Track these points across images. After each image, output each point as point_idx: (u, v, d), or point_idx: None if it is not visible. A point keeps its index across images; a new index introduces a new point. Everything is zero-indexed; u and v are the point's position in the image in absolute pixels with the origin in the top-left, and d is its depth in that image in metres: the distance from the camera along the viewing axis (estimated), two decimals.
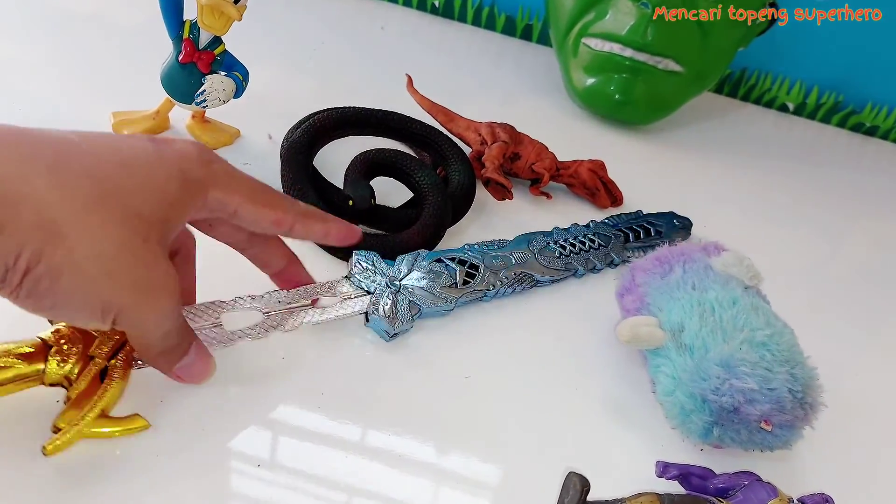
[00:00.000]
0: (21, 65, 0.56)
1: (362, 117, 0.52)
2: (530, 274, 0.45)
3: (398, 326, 0.39)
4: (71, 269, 0.26)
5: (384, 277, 0.41)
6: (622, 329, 0.39)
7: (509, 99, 0.71)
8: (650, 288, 0.41)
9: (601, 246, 0.49)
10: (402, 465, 0.34)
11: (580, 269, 0.47)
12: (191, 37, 0.46)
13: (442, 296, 0.41)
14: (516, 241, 0.47)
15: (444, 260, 0.43)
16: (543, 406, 0.39)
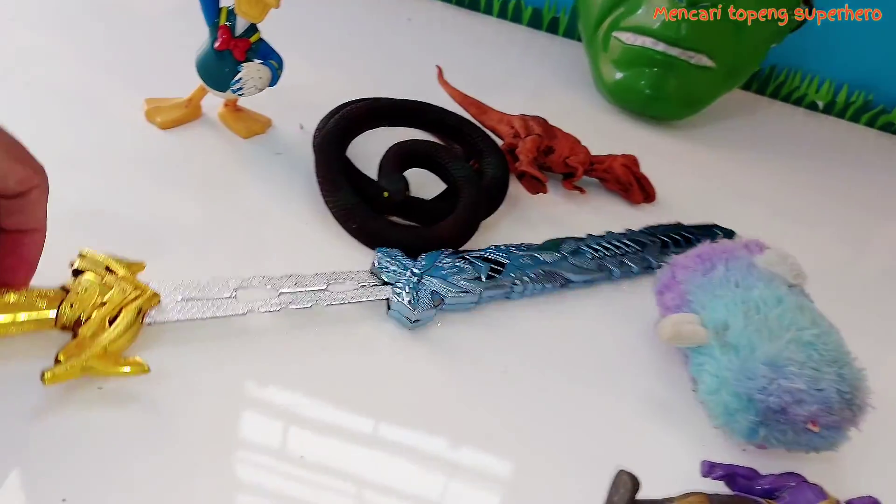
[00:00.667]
0: (53, 52, 0.55)
1: (396, 108, 0.52)
2: (560, 273, 0.44)
3: (420, 313, 0.39)
4: None
5: (406, 270, 0.40)
6: (664, 327, 0.38)
7: (537, 92, 0.70)
8: (692, 285, 0.40)
9: (637, 251, 0.48)
10: (429, 461, 0.34)
11: (615, 271, 0.46)
12: (227, 24, 0.45)
13: (466, 288, 0.41)
14: (545, 244, 0.46)
15: (468, 257, 0.43)
16: (581, 405, 0.39)
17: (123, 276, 0.34)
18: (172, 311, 0.35)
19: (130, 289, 0.33)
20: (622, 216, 0.54)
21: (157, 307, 0.34)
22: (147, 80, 0.54)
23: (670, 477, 0.35)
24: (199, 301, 0.36)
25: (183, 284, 0.36)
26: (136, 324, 0.33)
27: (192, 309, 0.35)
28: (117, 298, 0.33)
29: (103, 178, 0.45)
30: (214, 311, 0.36)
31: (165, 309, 0.35)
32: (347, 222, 0.45)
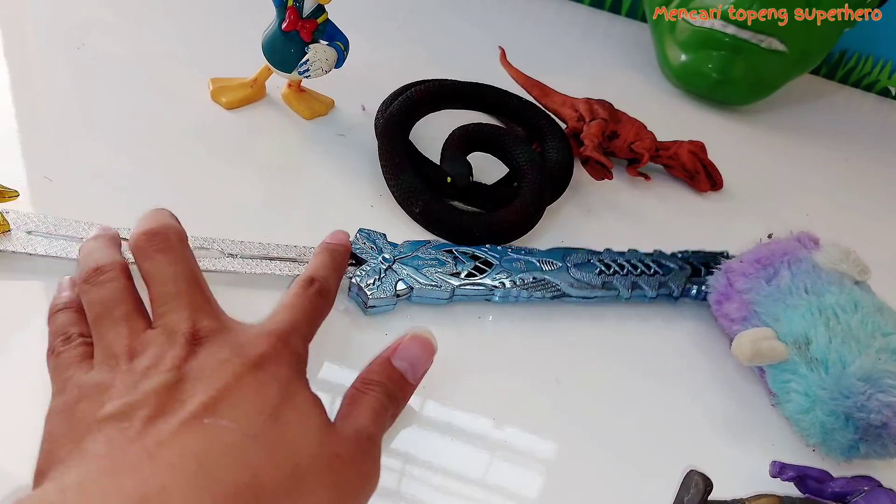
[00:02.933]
0: (121, 28, 0.56)
1: (459, 91, 0.51)
2: (553, 283, 0.40)
3: (376, 299, 0.37)
4: None
5: (379, 254, 0.39)
6: (742, 346, 0.37)
7: (599, 74, 0.69)
8: (757, 295, 0.39)
9: (657, 273, 0.43)
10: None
11: (623, 292, 0.41)
12: (295, 5, 0.45)
13: (438, 282, 0.39)
14: (552, 251, 0.43)
15: (455, 251, 0.41)
16: (637, 413, 0.38)
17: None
18: (15, 243, 0.35)
19: None
20: (688, 204, 0.53)
21: (3, 235, 0.35)
22: (212, 58, 0.55)
23: (737, 478, 0.35)
24: (48, 238, 0.35)
25: (40, 220, 0.36)
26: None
27: (37, 244, 0.35)
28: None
29: (168, 155, 0.45)
30: (57, 251, 0.35)
31: (10, 239, 0.35)
32: (410, 206, 0.45)
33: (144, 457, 0.24)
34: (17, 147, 0.43)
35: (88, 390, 0.27)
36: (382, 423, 0.29)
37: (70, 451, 0.25)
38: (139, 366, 0.27)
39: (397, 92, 0.51)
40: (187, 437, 0.24)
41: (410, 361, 0.31)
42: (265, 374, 0.27)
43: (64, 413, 0.27)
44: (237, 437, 0.25)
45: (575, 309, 0.42)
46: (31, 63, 0.50)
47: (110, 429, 0.25)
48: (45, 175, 0.41)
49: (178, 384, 0.26)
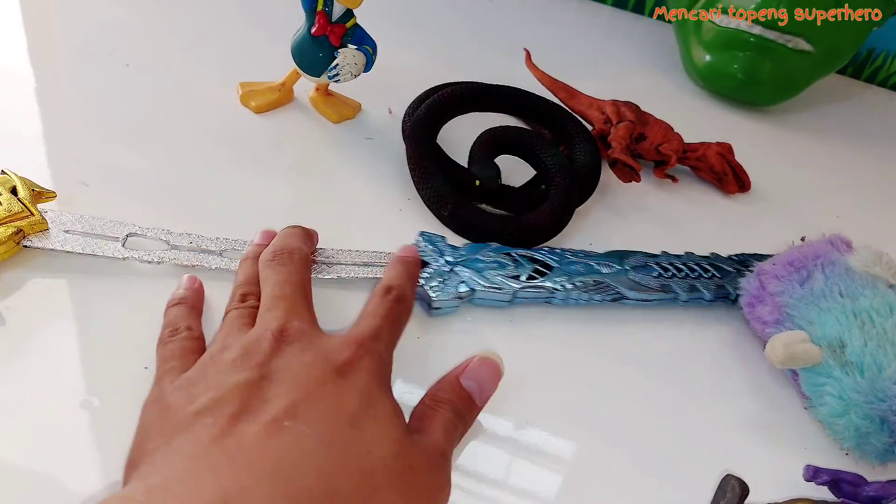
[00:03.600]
0: (151, 33, 0.57)
1: (487, 93, 0.51)
2: (613, 286, 0.41)
3: (441, 301, 0.38)
4: None
5: (441, 256, 0.40)
6: (775, 349, 0.37)
7: (622, 75, 0.69)
8: (790, 297, 0.39)
9: (714, 276, 0.43)
10: None
11: (682, 295, 0.41)
12: (325, 9, 0.45)
13: (499, 284, 0.39)
14: (609, 254, 0.43)
15: (514, 254, 0.41)
16: (673, 416, 0.38)
17: (23, 198, 0.36)
18: (53, 241, 0.36)
19: (18, 209, 0.36)
20: (716, 206, 0.53)
21: (42, 233, 0.36)
22: (240, 62, 0.55)
23: (770, 481, 0.34)
24: (84, 237, 0.37)
25: (77, 220, 0.37)
26: (9, 242, 0.35)
27: (73, 242, 0.36)
28: (1, 214, 0.35)
29: (198, 158, 0.46)
30: (93, 249, 0.36)
31: (48, 237, 0.36)
32: (439, 209, 0.45)
33: (226, 458, 0.25)
34: (53, 151, 0.44)
35: (182, 382, 0.29)
36: (452, 440, 0.30)
37: (158, 447, 0.26)
38: (228, 358, 0.29)
39: (423, 95, 0.51)
40: (268, 440, 0.25)
41: (479, 383, 0.32)
42: (347, 381, 0.28)
43: (157, 404, 0.28)
44: (315, 443, 0.26)
45: (606, 313, 0.41)
46: (63, 68, 0.51)
47: (197, 425, 0.26)
48: (82, 180, 0.42)
49: (261, 381, 0.28)
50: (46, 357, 0.33)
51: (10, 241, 0.35)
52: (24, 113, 0.46)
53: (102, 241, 0.37)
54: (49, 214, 0.37)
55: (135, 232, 0.38)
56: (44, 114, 0.46)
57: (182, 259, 0.37)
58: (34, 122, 0.46)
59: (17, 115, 0.46)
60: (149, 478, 0.25)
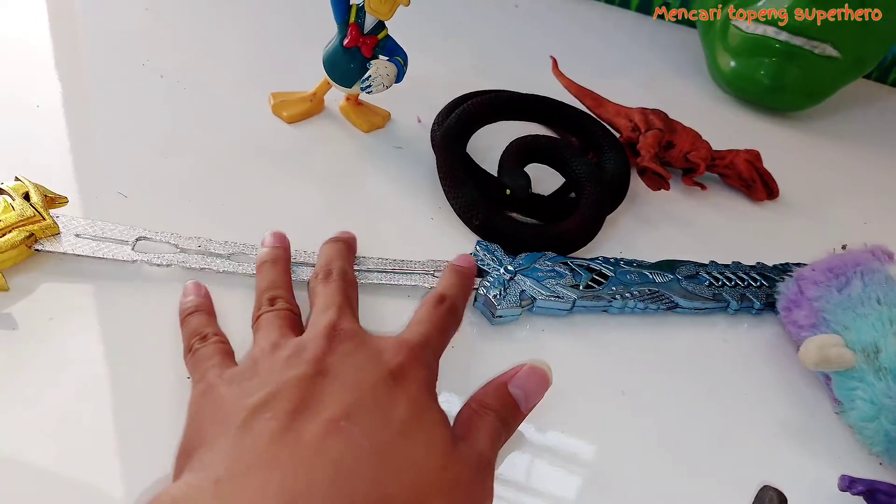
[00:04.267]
0: (183, 46, 0.57)
1: (516, 102, 0.52)
2: (668, 295, 0.41)
3: (503, 310, 0.39)
4: None
5: (501, 266, 0.41)
6: (809, 351, 0.37)
7: (648, 81, 0.69)
8: (828, 303, 0.39)
9: (763, 286, 0.44)
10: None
11: (732, 303, 0.42)
12: (357, 21, 0.46)
13: (559, 293, 0.40)
14: (660, 263, 0.44)
15: (572, 264, 0.42)
16: (711, 419, 0.38)
17: (35, 203, 0.37)
18: (64, 244, 0.37)
19: (30, 213, 0.36)
20: (744, 213, 0.53)
21: (54, 237, 0.37)
22: (272, 73, 0.56)
23: (803, 489, 0.35)
24: (95, 241, 0.37)
25: (88, 224, 0.38)
26: (21, 246, 0.35)
27: (84, 246, 0.37)
28: (12, 219, 0.36)
29: (231, 167, 0.46)
30: (103, 253, 0.37)
31: (60, 241, 0.37)
32: (470, 219, 0.45)
33: (290, 455, 0.25)
34: (90, 161, 0.45)
35: (233, 376, 0.29)
36: (496, 448, 0.30)
37: (216, 435, 0.27)
38: (282, 355, 0.30)
39: (452, 104, 0.52)
40: (327, 441, 0.26)
41: (526, 392, 0.32)
42: (399, 386, 0.29)
43: (207, 397, 0.29)
44: (368, 448, 0.26)
45: (643, 320, 0.42)
46: (98, 78, 0.52)
47: (257, 420, 0.27)
48: (119, 190, 0.42)
49: (316, 378, 0.28)
50: (58, 359, 0.33)
51: (22, 244, 0.36)
52: (56, 123, 0.47)
53: (113, 244, 0.38)
54: (61, 219, 0.38)
55: (145, 235, 0.38)
56: (78, 123, 0.47)
57: (191, 262, 0.38)
58: (67, 131, 0.46)
59: (49, 124, 0.47)
60: (212, 468, 0.25)
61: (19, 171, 0.39)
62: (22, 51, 0.53)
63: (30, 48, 0.53)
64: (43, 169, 0.42)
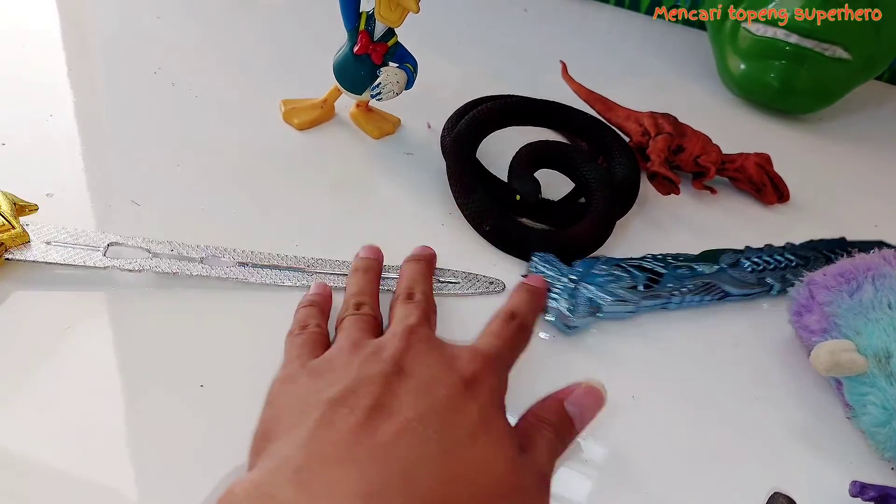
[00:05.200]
0: (194, 54, 0.58)
1: (526, 108, 0.52)
2: (719, 285, 0.43)
3: (578, 320, 0.39)
4: None
5: (562, 275, 0.41)
6: (820, 356, 0.37)
7: (657, 84, 0.69)
8: (839, 308, 0.39)
9: (799, 265, 0.45)
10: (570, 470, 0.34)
11: (776, 285, 0.44)
12: (367, 28, 0.46)
13: (623, 296, 0.40)
14: (703, 255, 0.45)
15: (625, 265, 0.42)
16: (725, 422, 0.38)
17: (4, 212, 0.37)
18: (34, 252, 0.37)
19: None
20: (755, 217, 0.53)
21: (24, 246, 0.37)
22: (281, 80, 0.56)
23: (814, 494, 0.35)
24: (65, 247, 0.38)
25: (59, 231, 0.38)
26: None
27: (54, 253, 0.37)
28: None
29: (242, 174, 0.47)
30: (74, 260, 0.37)
31: (30, 249, 0.37)
32: (480, 224, 0.45)
33: (367, 453, 0.26)
34: (103, 170, 0.45)
35: (314, 367, 0.31)
36: (554, 463, 0.31)
37: (296, 424, 0.28)
38: (363, 353, 0.31)
39: (461, 109, 0.52)
40: (401, 440, 0.27)
41: (581, 409, 0.33)
42: (471, 394, 0.30)
43: (290, 383, 0.30)
44: (437, 450, 0.27)
45: (648, 321, 0.42)
46: (110, 87, 0.52)
47: (335, 414, 0.28)
48: (133, 199, 0.43)
49: (393, 376, 0.29)
50: (31, 370, 0.34)
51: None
52: (69, 132, 0.47)
53: (83, 251, 0.38)
54: (31, 227, 0.38)
55: (116, 241, 0.39)
56: (89, 130, 0.48)
57: (163, 267, 0.38)
58: (80, 140, 0.47)
59: (61, 133, 0.47)
60: (291, 458, 0.26)
61: (31, 180, 0.40)
62: (34, 60, 0.53)
63: (42, 57, 0.54)
64: (56, 178, 0.43)
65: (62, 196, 0.42)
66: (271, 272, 0.39)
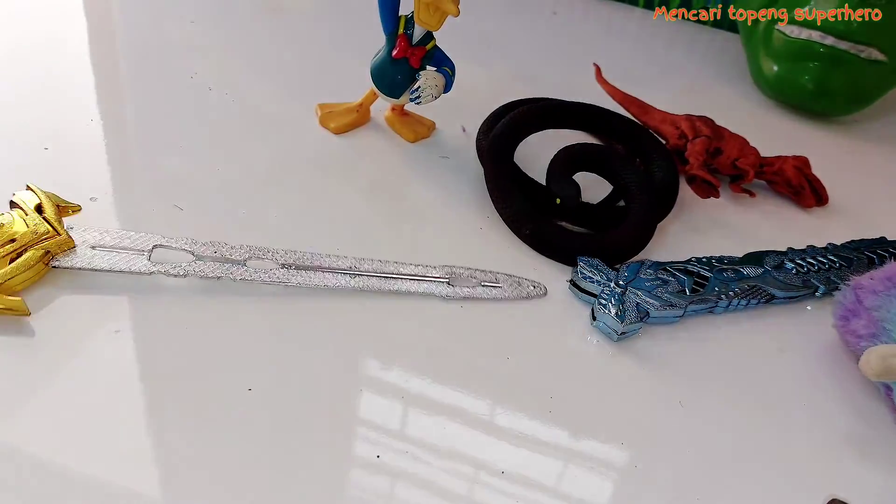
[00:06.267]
0: (231, 59, 0.58)
1: (563, 111, 0.51)
2: (764, 287, 0.43)
3: (627, 326, 0.39)
4: None
5: (609, 280, 0.40)
6: (871, 361, 0.36)
7: (689, 86, 0.69)
8: (888, 312, 0.38)
9: (842, 266, 0.45)
10: (625, 477, 0.34)
11: (821, 287, 0.44)
12: (405, 32, 0.46)
13: (670, 301, 0.40)
14: (747, 257, 0.44)
15: (670, 269, 0.42)
16: (773, 429, 0.38)
17: (49, 217, 0.37)
18: (80, 259, 0.36)
19: (44, 230, 0.36)
20: (793, 220, 0.52)
21: (69, 251, 0.36)
22: (316, 84, 0.56)
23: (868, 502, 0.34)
24: (114, 252, 0.37)
25: (103, 233, 0.38)
26: (38, 265, 0.35)
27: (102, 259, 0.37)
28: (27, 238, 0.36)
29: (280, 179, 0.47)
30: (120, 265, 0.37)
31: (77, 256, 0.36)
32: (520, 228, 0.45)
33: None
34: (146, 175, 0.45)
35: None
36: None
37: None
38: None
39: (497, 113, 0.52)
40: None
41: None
42: None
43: None
44: None
45: (695, 325, 0.42)
46: (146, 93, 0.53)
47: None
48: (175, 203, 0.43)
49: None
50: (83, 375, 0.34)
51: (38, 263, 0.35)
52: (109, 135, 0.48)
53: (129, 255, 0.37)
54: (75, 231, 0.38)
55: (161, 243, 0.38)
56: (130, 136, 0.48)
57: (207, 271, 0.38)
58: (120, 146, 0.47)
59: (103, 137, 0.47)
60: None
61: (74, 184, 0.40)
62: (71, 67, 0.54)
63: (77, 64, 0.54)
64: (98, 182, 0.43)
65: (105, 200, 0.42)
66: (314, 274, 0.39)
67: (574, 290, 0.42)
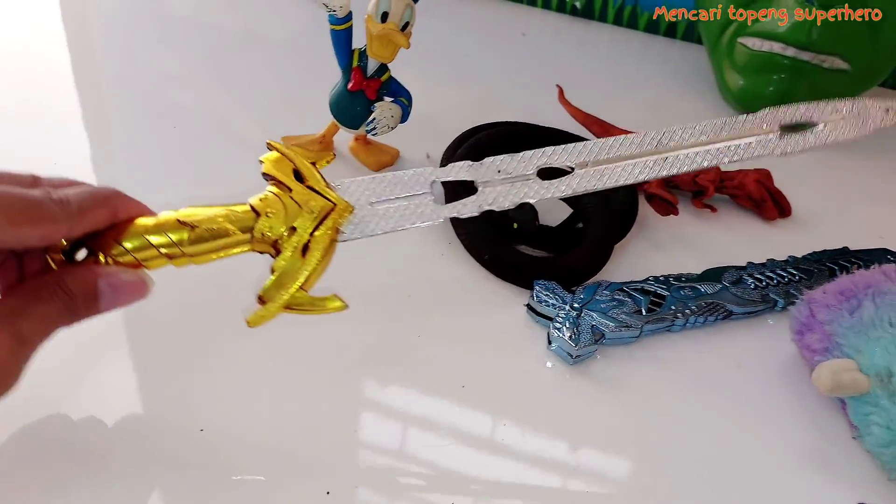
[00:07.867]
0: (197, 91, 0.59)
1: (521, 134, 0.52)
2: (722, 304, 0.43)
3: (581, 349, 0.39)
4: None
5: (565, 303, 0.41)
6: (822, 376, 0.37)
7: (658, 101, 0.69)
8: (839, 326, 0.38)
9: (802, 279, 0.45)
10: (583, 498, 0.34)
11: (780, 301, 0.44)
12: (360, 65, 0.47)
13: (626, 322, 0.40)
14: (705, 274, 0.45)
15: (627, 289, 0.42)
16: (732, 445, 0.38)
17: (315, 185, 0.32)
18: (369, 224, 0.32)
19: (319, 206, 0.31)
20: (757, 234, 0.53)
21: (350, 219, 0.32)
22: (281, 117, 0.57)
23: None
24: (394, 203, 0.32)
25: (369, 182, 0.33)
26: (331, 249, 0.31)
27: (388, 219, 0.32)
28: (307, 223, 0.31)
29: None
30: (417, 219, 0.32)
31: (360, 221, 0.32)
32: (479, 253, 0.46)
33: None
34: None
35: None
36: (46, 332, 0.28)
37: None
38: None
39: (460, 138, 0.53)
40: None
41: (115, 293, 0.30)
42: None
43: None
44: None
45: (652, 344, 0.42)
46: (118, 131, 0.54)
47: None
48: None
49: None
50: None
51: (332, 248, 0.31)
52: None
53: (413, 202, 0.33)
54: (341, 188, 0.32)
55: (437, 178, 0.34)
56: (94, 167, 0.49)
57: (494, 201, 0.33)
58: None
59: None
60: None
61: None
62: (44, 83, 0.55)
63: (52, 82, 0.55)
64: None
65: None
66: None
67: (531, 314, 0.42)
